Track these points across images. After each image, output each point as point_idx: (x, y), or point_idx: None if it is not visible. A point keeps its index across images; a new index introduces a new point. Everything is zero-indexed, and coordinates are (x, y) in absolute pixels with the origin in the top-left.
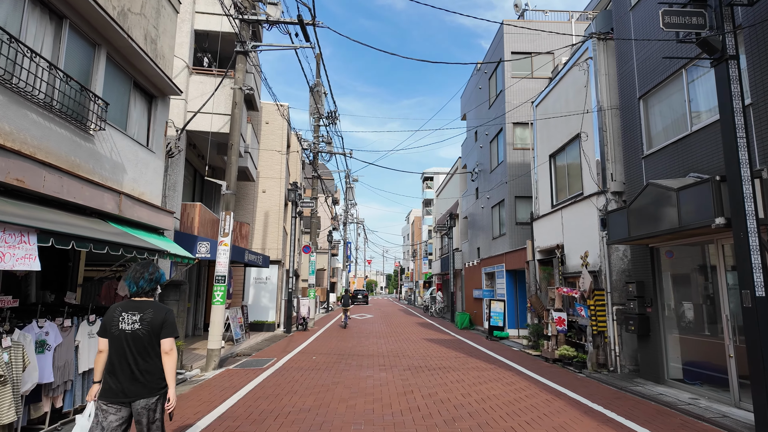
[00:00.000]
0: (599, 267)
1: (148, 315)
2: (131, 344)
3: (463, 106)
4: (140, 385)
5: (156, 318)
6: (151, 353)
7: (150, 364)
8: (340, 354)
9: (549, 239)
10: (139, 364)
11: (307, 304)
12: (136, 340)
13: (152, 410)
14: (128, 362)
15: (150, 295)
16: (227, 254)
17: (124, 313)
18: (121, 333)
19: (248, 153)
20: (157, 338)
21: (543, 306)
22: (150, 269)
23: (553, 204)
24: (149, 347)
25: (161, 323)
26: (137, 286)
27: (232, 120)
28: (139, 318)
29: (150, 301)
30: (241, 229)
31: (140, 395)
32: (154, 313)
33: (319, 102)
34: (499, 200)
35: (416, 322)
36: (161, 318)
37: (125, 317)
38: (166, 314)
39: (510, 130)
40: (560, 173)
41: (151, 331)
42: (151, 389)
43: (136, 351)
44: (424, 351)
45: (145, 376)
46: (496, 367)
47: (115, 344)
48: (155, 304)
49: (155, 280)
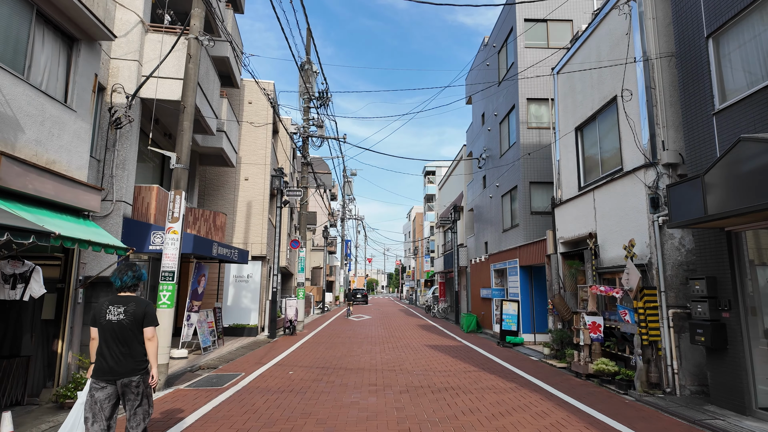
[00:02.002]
0: (648, 259)
1: (131, 307)
2: (117, 332)
3: (468, 89)
4: (123, 366)
5: (138, 310)
6: (134, 340)
7: (132, 348)
8: (324, 367)
9: (576, 228)
10: (122, 349)
11: (295, 305)
12: (121, 329)
13: (136, 386)
14: (114, 347)
15: (132, 290)
16: (177, 245)
17: (111, 306)
18: (108, 323)
19: (223, 132)
20: (139, 327)
21: (568, 308)
22: (134, 269)
23: (581, 186)
24: (131, 335)
25: (143, 315)
26: (121, 281)
27: (186, 77)
28: (123, 310)
29: (133, 296)
30: (216, 219)
31: (123, 374)
32: (136, 306)
33: (308, 81)
34: (511, 187)
35: (417, 324)
36: (142, 310)
37: (111, 309)
38: (147, 307)
39: (523, 107)
40: (590, 148)
41: (134, 321)
42: (133, 369)
43: (121, 338)
44: (427, 362)
45: (128, 358)
46: (517, 386)
47: (104, 332)
48: (137, 299)
49: (137, 278)
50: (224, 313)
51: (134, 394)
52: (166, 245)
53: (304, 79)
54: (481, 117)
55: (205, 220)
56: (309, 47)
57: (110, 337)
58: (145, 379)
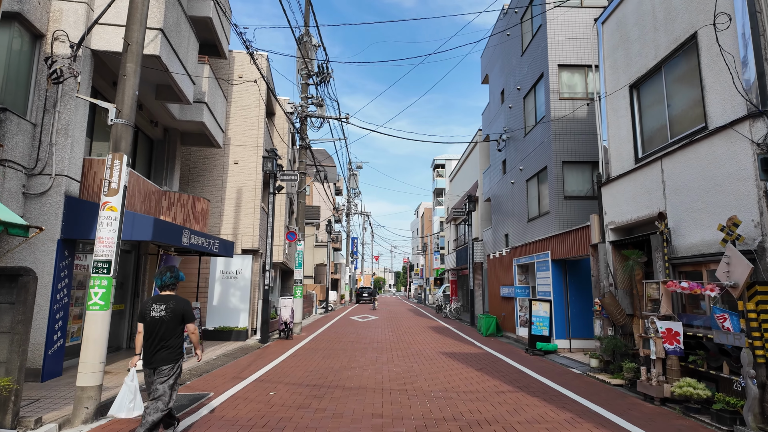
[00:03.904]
0: (757, 243)
1: (171, 305)
2: (159, 327)
3: (485, 66)
4: (163, 355)
5: (177, 307)
6: (173, 334)
7: (171, 341)
8: (316, 385)
9: (634, 209)
10: (162, 342)
11: (290, 306)
12: (162, 323)
13: (167, 373)
14: (156, 339)
15: (171, 288)
16: (115, 226)
17: (154, 304)
18: (152, 319)
19: (204, 104)
20: (178, 322)
21: (622, 310)
22: (173, 270)
23: (639, 157)
24: (171, 329)
25: (182, 312)
26: (162, 281)
27: (131, 6)
28: (165, 307)
29: (172, 295)
30: (195, 205)
31: (162, 362)
32: (175, 304)
33: (307, 56)
34: (538, 170)
35: (429, 326)
36: (181, 308)
37: (155, 307)
38: (185, 305)
39: (554, 74)
40: (652, 108)
41: (174, 317)
42: (167, 359)
43: (162, 332)
44: (446, 378)
45: (167, 350)
46: (573, 417)
47: (148, 327)
48: (176, 297)
49: (175, 277)
50: (209, 314)
51: (162, 380)
52: (101, 226)
53: (303, 53)
54: (500, 95)
55: (182, 205)
56: (308, 17)
57: (153, 331)
58: (175, 367)
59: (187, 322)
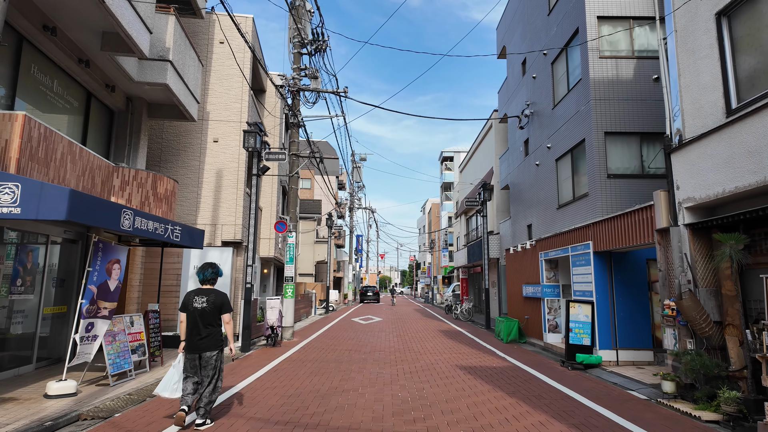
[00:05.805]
0: None
1: (211, 298)
2: (201, 317)
3: (502, 38)
4: (206, 343)
5: (217, 300)
6: (213, 323)
7: (212, 329)
8: (288, 423)
9: (726, 179)
10: (205, 330)
11: (278, 307)
12: (204, 314)
13: (215, 359)
14: (199, 328)
15: (212, 283)
16: None
17: (196, 296)
18: (195, 309)
19: (168, 62)
20: (219, 313)
21: (708, 316)
22: (213, 266)
23: (732, 108)
24: (212, 319)
25: (221, 303)
26: (204, 276)
27: None
28: (206, 300)
29: (213, 288)
30: (156, 184)
31: (207, 349)
32: (215, 297)
33: (299, 22)
34: (573, 145)
35: (439, 329)
36: (220, 300)
37: (197, 299)
38: (223, 297)
39: (593, 28)
40: (752, 38)
41: (214, 308)
42: (213, 346)
43: (204, 321)
44: (470, 409)
45: (210, 337)
46: None
47: (191, 317)
48: (216, 291)
49: (215, 273)
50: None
51: (210, 366)
52: None
53: (296, 20)
54: (521, 66)
55: (139, 185)
56: None
57: (196, 320)
58: (221, 353)
59: (224, 312)
